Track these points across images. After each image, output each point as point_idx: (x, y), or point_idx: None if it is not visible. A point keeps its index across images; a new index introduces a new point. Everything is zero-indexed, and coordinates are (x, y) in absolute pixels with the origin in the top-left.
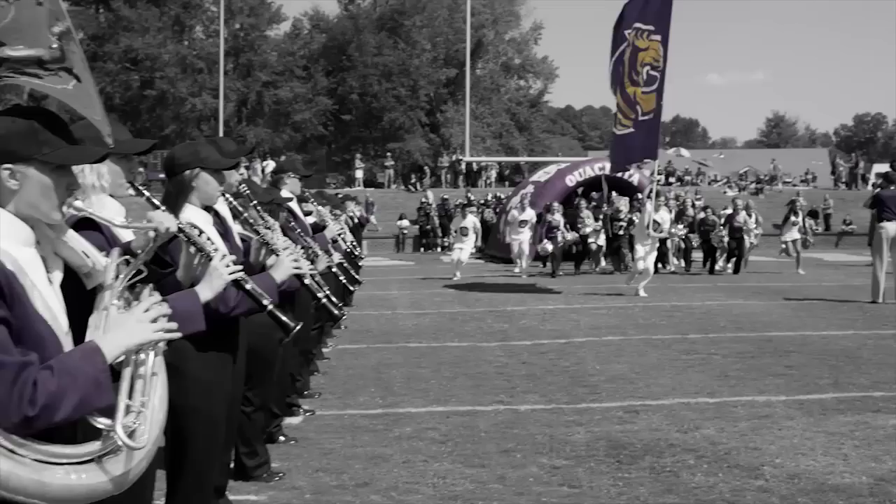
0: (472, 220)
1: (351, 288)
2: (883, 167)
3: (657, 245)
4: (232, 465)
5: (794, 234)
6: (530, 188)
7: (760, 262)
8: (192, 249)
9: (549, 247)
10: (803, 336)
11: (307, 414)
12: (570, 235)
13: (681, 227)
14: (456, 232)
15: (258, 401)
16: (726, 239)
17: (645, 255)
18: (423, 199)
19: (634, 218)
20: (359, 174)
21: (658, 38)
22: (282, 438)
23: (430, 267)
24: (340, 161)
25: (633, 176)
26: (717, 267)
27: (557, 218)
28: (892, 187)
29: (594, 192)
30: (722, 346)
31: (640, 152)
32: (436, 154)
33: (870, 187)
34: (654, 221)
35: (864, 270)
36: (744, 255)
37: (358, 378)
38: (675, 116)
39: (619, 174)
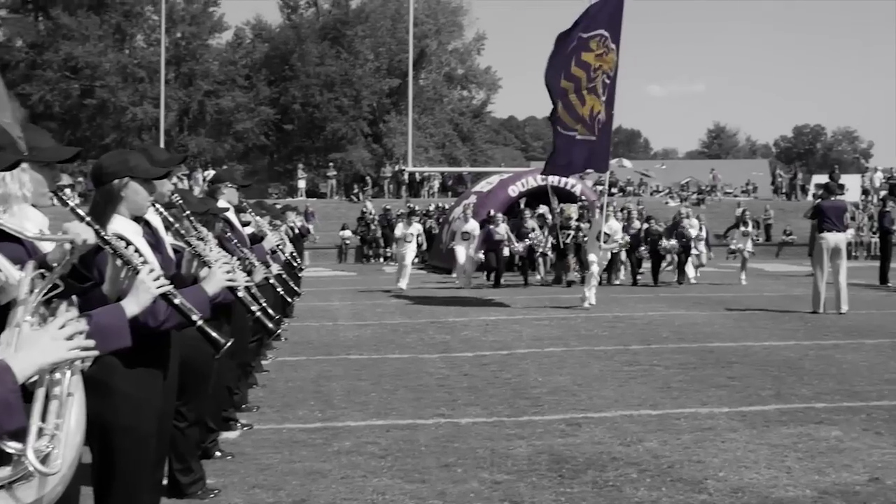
0: (416, 228)
1: (289, 299)
2: (822, 178)
3: (608, 256)
4: (165, 482)
5: (746, 244)
6: (473, 199)
7: (702, 273)
8: (119, 262)
9: (521, 247)
10: (745, 347)
11: (244, 428)
12: (520, 246)
13: (626, 237)
14: (399, 240)
15: (192, 416)
16: (673, 247)
17: (596, 267)
18: (364, 210)
19: (583, 226)
20: (301, 184)
21: (614, 46)
22: (218, 454)
23: (372, 278)
24: (283, 171)
25: (576, 186)
26: (666, 276)
27: (502, 230)
28: (833, 198)
29: (542, 205)
30: (664, 357)
31: (588, 162)
32: (378, 164)
33: (810, 198)
34: (605, 233)
35: (804, 281)
36: (687, 265)
37: (297, 391)
38: (618, 127)
39: (560, 182)
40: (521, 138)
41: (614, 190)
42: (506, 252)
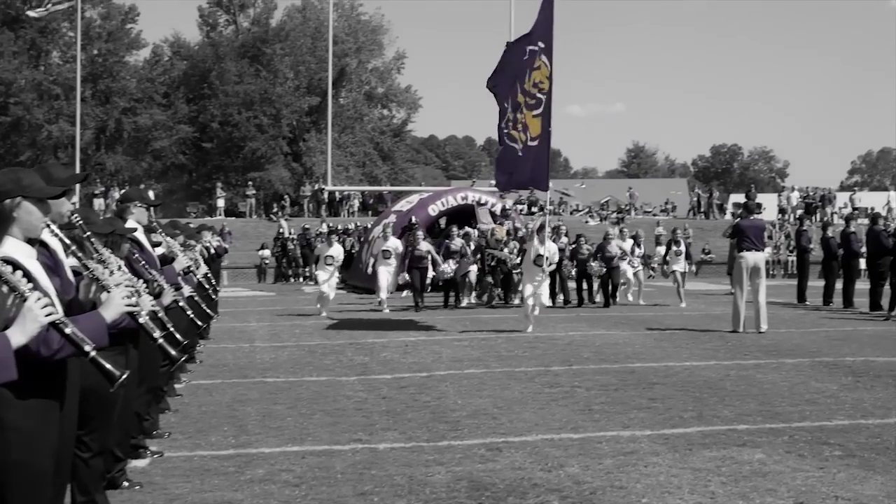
0: (338, 249)
1: (199, 323)
2: (739, 197)
3: (547, 278)
4: None
5: (680, 265)
6: (393, 218)
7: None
8: (5, 289)
9: (448, 269)
10: (666, 367)
11: (154, 456)
12: (447, 267)
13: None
14: (320, 261)
15: (97, 445)
16: (600, 268)
17: (534, 293)
18: (280, 229)
19: (512, 247)
20: (220, 203)
21: (546, 59)
22: (126, 483)
23: (290, 298)
24: (201, 190)
25: (496, 206)
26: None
27: (423, 248)
28: (752, 217)
29: (474, 221)
30: (585, 379)
31: (531, 179)
32: (298, 183)
33: (728, 217)
34: (540, 255)
35: (723, 299)
36: (617, 286)
37: (211, 416)
38: None
39: (487, 202)
40: (441, 157)
41: (535, 209)
42: (431, 273)
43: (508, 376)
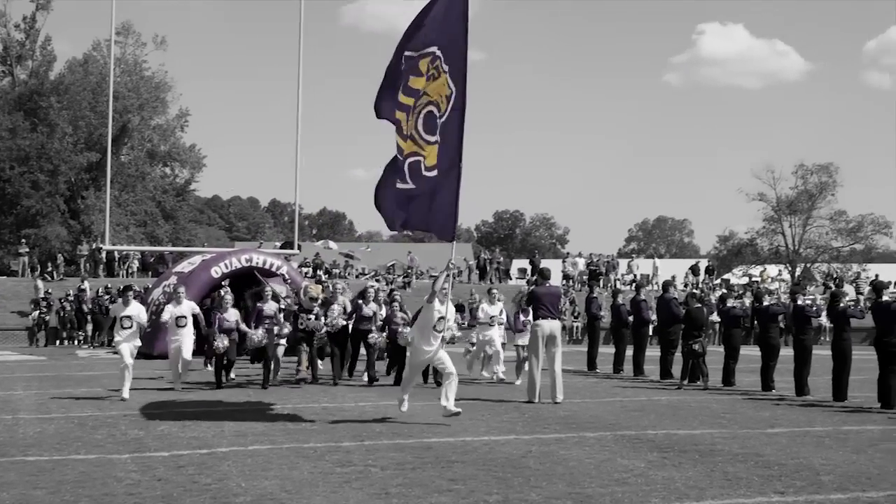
0: (137, 309)
1: None
2: (521, 262)
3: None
4: None
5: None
6: (174, 279)
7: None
8: None
9: (258, 336)
10: (464, 442)
11: None
12: (257, 334)
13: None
14: (116, 323)
15: None
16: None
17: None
18: (36, 288)
19: (337, 312)
20: None
21: (447, 68)
22: None
23: (63, 363)
24: None
25: (282, 267)
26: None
27: (270, 308)
28: (547, 284)
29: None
30: (379, 456)
31: (427, 223)
32: (76, 241)
33: (513, 282)
34: (442, 317)
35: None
36: (487, 357)
37: None
38: (323, 209)
39: (266, 263)
40: (225, 218)
41: (320, 272)
42: (222, 344)
43: (296, 453)
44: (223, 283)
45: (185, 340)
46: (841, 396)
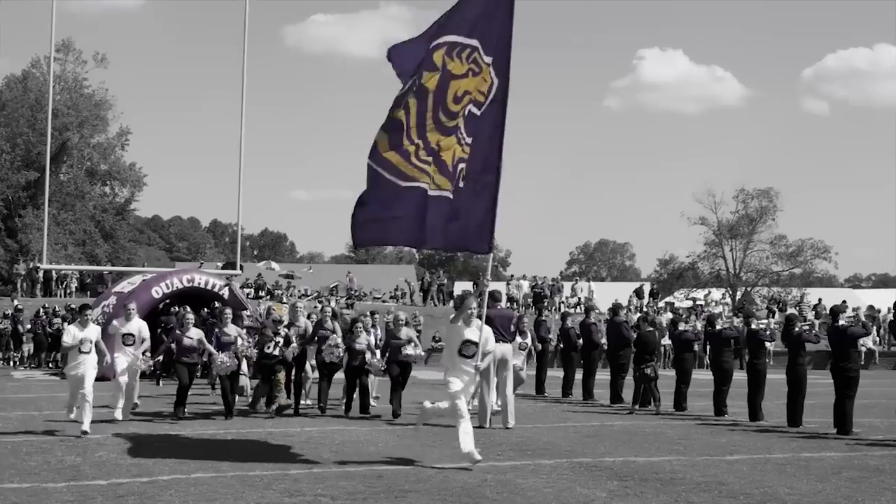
0: (95, 331)
1: None
2: (465, 284)
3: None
4: None
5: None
6: (113, 299)
7: None
8: None
9: (224, 360)
10: (417, 470)
11: None
12: (223, 359)
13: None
14: (73, 349)
15: None
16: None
17: (462, 391)
18: None
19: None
20: None
21: (489, 59)
22: None
23: None
24: None
25: (224, 289)
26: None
27: (231, 333)
28: (499, 306)
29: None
30: (329, 485)
31: (460, 237)
32: (12, 261)
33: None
34: (468, 341)
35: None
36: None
37: None
38: (264, 230)
39: (206, 284)
40: (165, 238)
41: (262, 293)
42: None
43: (242, 482)
44: (162, 303)
45: (128, 361)
46: (796, 422)
